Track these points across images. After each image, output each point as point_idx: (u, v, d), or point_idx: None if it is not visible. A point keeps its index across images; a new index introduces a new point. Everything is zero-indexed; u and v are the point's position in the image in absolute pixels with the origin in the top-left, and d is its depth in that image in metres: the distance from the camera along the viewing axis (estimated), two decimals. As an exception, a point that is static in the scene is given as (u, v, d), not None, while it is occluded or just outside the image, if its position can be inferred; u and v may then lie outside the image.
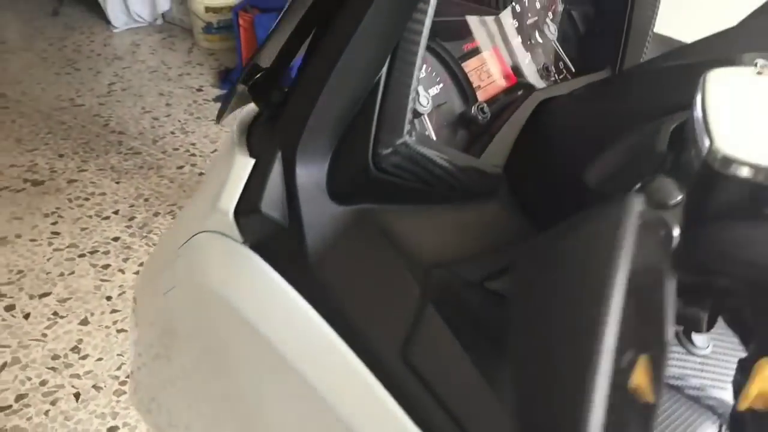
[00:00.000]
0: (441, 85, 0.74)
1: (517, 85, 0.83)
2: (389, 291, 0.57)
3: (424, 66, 0.73)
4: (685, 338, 0.65)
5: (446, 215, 0.63)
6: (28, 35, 4.06)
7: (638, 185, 0.44)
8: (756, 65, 0.48)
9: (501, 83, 0.82)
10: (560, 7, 0.92)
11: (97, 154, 3.01)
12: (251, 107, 0.68)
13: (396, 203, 0.60)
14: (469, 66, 0.79)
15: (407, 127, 0.57)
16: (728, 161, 0.42)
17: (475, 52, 0.80)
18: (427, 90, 0.72)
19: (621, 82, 0.73)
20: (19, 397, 1.93)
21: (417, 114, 0.69)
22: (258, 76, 0.65)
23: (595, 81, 0.76)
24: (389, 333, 0.55)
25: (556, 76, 0.88)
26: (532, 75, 0.84)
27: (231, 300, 0.60)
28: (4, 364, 2.02)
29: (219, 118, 0.68)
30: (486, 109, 0.74)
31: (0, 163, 2.86)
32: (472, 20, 0.79)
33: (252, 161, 0.60)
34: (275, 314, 0.58)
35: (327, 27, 0.58)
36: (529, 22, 0.87)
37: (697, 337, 0.65)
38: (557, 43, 0.89)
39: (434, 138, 0.70)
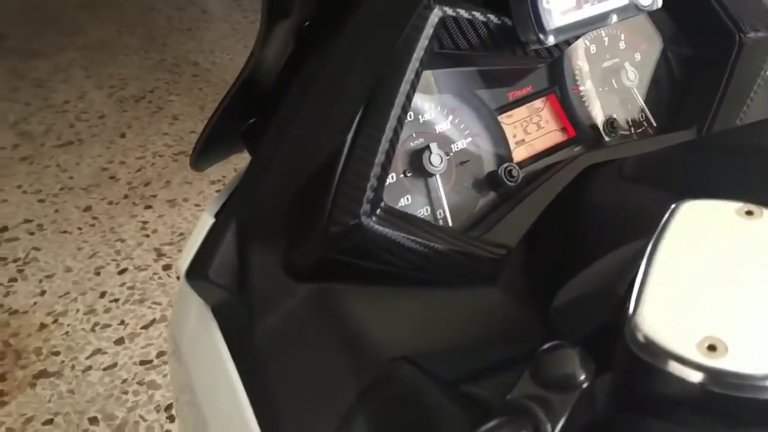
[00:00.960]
0: (469, 139, 0.66)
1: (576, 139, 0.72)
2: (329, 384, 0.52)
3: (450, 118, 0.65)
4: None
5: (426, 300, 0.56)
6: (227, 6, 4.31)
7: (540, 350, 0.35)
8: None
9: (555, 137, 0.72)
10: (656, 48, 0.79)
11: (268, 126, 3.14)
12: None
13: (363, 284, 0.55)
14: (513, 117, 0.70)
15: (364, 205, 0.51)
16: (647, 344, 0.32)
17: (524, 100, 0.70)
18: (450, 145, 0.65)
19: (681, 157, 0.61)
20: (160, 354, 2.09)
21: (428, 174, 0.63)
22: (252, 120, 0.61)
23: (654, 150, 0.64)
24: (314, 429, 0.50)
25: (632, 129, 0.75)
26: (597, 128, 0.72)
27: (183, 358, 0.59)
28: (153, 321, 2.18)
29: (196, 162, 0.63)
30: (516, 172, 0.65)
31: (182, 128, 3.07)
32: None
33: (211, 221, 0.57)
34: (211, 385, 0.55)
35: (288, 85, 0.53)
36: (606, 64, 0.76)
37: None
38: (637, 91, 0.76)
39: (444, 203, 0.63)
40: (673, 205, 0.37)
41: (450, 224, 0.63)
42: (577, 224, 0.60)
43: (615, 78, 0.75)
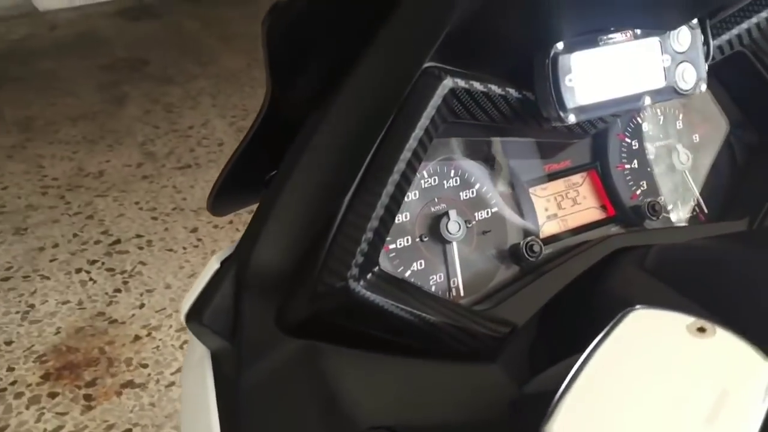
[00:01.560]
0: (495, 209, 0.65)
1: (614, 219, 0.70)
2: None
3: (477, 185, 0.65)
4: None
5: (416, 370, 0.55)
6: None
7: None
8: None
9: (591, 214, 0.69)
10: (719, 131, 0.75)
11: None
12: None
13: (353, 346, 0.55)
14: (548, 190, 0.68)
15: (353, 269, 0.51)
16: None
17: (562, 174, 0.69)
18: (474, 213, 0.64)
19: (718, 255, 0.57)
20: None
21: (445, 240, 0.62)
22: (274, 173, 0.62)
23: (692, 240, 0.61)
24: None
25: (680, 215, 0.72)
26: (639, 210, 0.69)
27: (182, 398, 0.60)
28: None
29: (213, 206, 0.65)
30: (538, 248, 0.63)
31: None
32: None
33: (216, 267, 0.59)
34: (194, 427, 0.57)
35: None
36: (659, 143, 0.72)
37: None
38: (689, 175, 0.72)
39: (458, 272, 0.62)
40: (621, 313, 0.35)
41: (462, 294, 0.62)
42: (589, 310, 0.57)
43: (666, 159, 0.72)
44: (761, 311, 0.47)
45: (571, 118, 0.57)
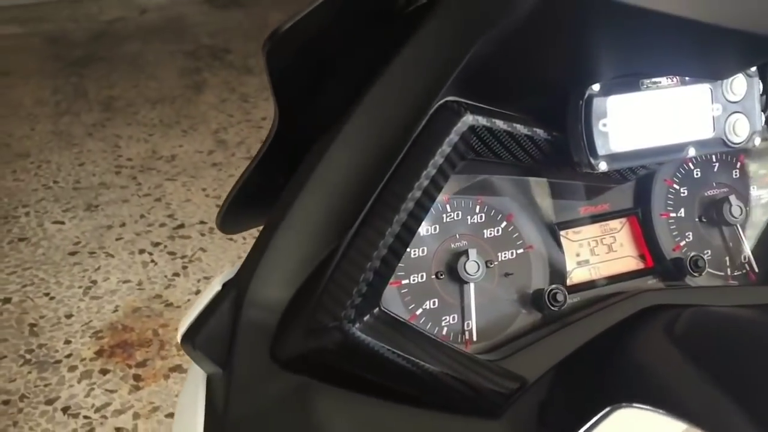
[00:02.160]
0: (521, 250, 0.62)
1: (652, 270, 0.65)
2: None
3: (504, 224, 0.61)
4: None
5: (411, 420, 0.53)
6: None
7: None
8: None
9: (627, 264, 0.65)
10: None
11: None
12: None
13: (347, 388, 0.52)
14: (581, 234, 0.64)
15: (348, 310, 0.49)
16: None
17: (598, 218, 0.64)
18: (497, 253, 0.61)
19: (758, 331, 0.52)
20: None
21: (462, 281, 0.59)
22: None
23: (733, 308, 0.55)
24: None
25: (728, 272, 0.66)
26: (681, 264, 0.64)
27: (175, 417, 0.59)
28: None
29: (221, 223, 0.64)
30: (562, 296, 0.59)
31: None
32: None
33: (217, 289, 0.57)
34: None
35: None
36: (709, 192, 0.67)
37: None
38: (741, 229, 0.66)
39: (473, 315, 0.59)
40: (608, 408, 0.31)
41: (475, 339, 0.59)
42: (605, 375, 0.53)
43: (717, 210, 0.66)
44: None
45: (603, 166, 0.53)
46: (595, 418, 0.31)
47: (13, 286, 2.22)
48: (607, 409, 0.32)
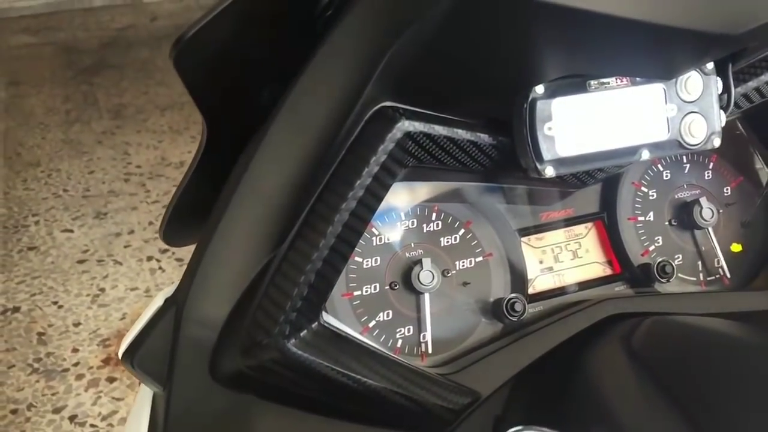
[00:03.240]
0: (480, 258, 0.60)
1: (619, 276, 0.62)
2: None
3: (461, 231, 0.59)
4: None
5: None
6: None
7: None
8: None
9: (593, 270, 0.63)
10: (757, 185, 0.66)
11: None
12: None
13: (290, 405, 0.51)
14: (544, 240, 0.62)
15: (282, 325, 0.47)
16: None
17: (561, 223, 0.62)
18: (454, 261, 0.59)
19: (719, 344, 0.49)
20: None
21: (417, 292, 0.57)
22: None
23: (697, 318, 0.53)
24: None
25: (700, 277, 0.63)
26: (647, 269, 0.62)
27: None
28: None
29: (164, 235, 0.62)
30: (520, 306, 0.57)
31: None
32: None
33: (160, 303, 0.55)
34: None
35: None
36: (680, 195, 0.64)
37: None
38: (713, 233, 0.63)
39: (428, 327, 0.57)
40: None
41: (430, 351, 0.57)
42: (559, 389, 0.51)
43: (687, 213, 0.64)
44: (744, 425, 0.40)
45: (549, 171, 0.50)
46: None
47: (23, 295, 2.24)
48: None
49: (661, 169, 0.64)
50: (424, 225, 0.59)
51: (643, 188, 0.64)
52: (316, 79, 0.47)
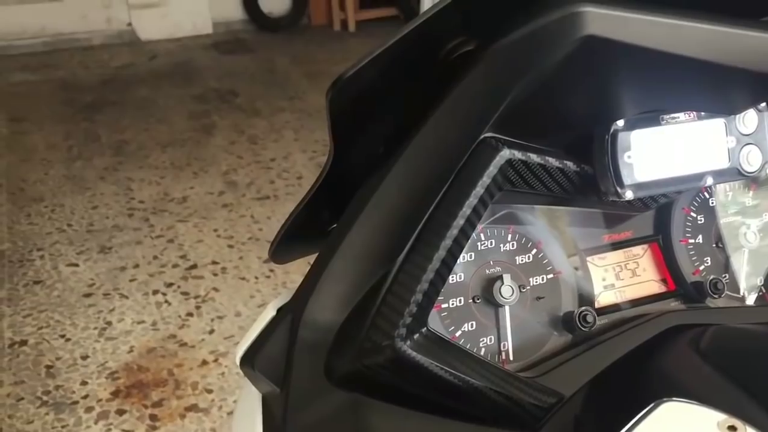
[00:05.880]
0: (551, 276, 0.65)
1: (674, 293, 0.69)
2: None
3: (534, 251, 0.65)
4: None
5: None
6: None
7: None
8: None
9: (650, 287, 0.69)
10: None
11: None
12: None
13: (398, 403, 0.56)
14: (606, 260, 0.68)
15: (400, 329, 0.53)
16: None
17: (621, 245, 0.68)
18: (528, 278, 0.65)
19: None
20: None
21: (498, 304, 0.63)
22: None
23: (753, 325, 0.59)
24: None
25: (745, 294, 0.70)
26: (701, 287, 0.68)
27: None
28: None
29: (274, 254, 0.68)
30: (591, 318, 0.63)
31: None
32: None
33: (272, 314, 0.61)
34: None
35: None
36: (726, 220, 0.71)
37: None
38: (755, 253, 0.70)
39: (509, 336, 0.62)
40: (653, 403, 0.35)
41: (511, 359, 0.63)
42: (637, 388, 0.57)
43: (733, 236, 0.71)
44: None
45: (629, 195, 0.57)
46: (641, 413, 0.35)
47: (29, 328, 2.25)
48: (652, 404, 0.35)
49: (707, 196, 0.71)
50: (501, 245, 0.64)
51: (692, 213, 0.70)
52: (446, 119, 0.54)
